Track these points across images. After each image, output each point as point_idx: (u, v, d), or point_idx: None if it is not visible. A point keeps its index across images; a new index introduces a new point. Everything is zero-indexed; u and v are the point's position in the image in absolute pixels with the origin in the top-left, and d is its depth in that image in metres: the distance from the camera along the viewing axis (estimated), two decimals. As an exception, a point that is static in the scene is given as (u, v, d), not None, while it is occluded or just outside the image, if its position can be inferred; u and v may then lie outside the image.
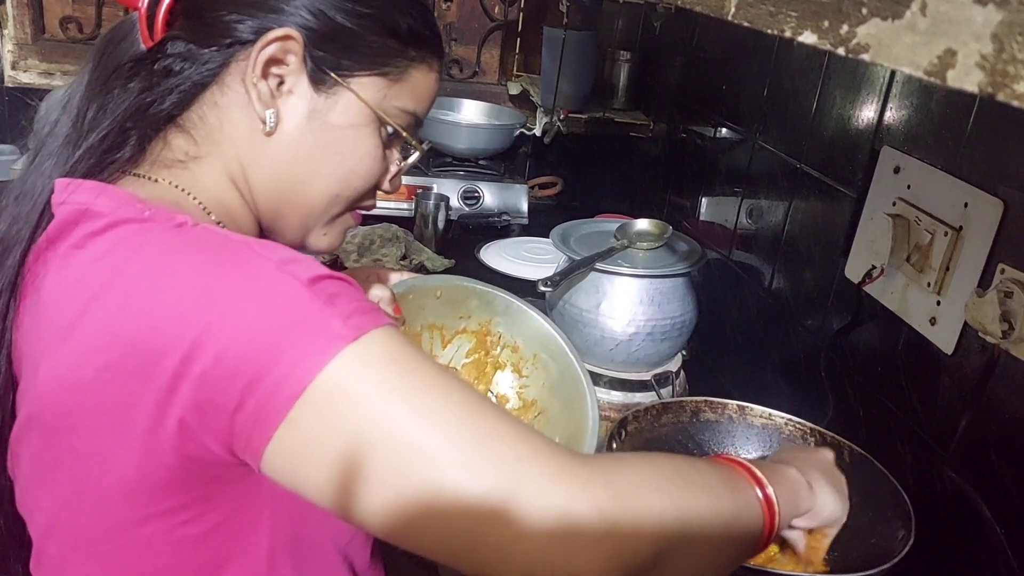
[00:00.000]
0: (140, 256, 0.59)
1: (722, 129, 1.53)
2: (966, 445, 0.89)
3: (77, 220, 0.62)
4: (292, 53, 0.69)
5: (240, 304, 0.56)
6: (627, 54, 1.97)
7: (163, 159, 0.70)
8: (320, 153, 0.73)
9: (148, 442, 0.57)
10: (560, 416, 0.98)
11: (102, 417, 0.58)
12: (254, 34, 0.69)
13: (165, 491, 0.59)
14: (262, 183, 0.73)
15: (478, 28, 2.31)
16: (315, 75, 0.71)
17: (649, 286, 1.18)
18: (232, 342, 0.54)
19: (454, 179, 2.02)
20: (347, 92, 0.72)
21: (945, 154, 0.94)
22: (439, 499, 0.53)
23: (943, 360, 0.93)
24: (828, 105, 1.18)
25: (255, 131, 0.71)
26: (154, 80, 0.69)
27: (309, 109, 0.72)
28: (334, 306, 0.56)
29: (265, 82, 0.69)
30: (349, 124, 0.73)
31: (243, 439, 0.55)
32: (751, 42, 1.41)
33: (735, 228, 1.46)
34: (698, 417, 1.01)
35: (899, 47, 0.35)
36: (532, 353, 1.03)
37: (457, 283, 1.01)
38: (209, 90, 0.70)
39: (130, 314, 0.57)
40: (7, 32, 1.99)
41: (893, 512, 0.85)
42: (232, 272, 0.57)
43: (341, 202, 0.77)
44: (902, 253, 0.98)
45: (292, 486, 0.56)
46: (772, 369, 1.32)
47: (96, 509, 0.61)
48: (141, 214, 0.62)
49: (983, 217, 0.87)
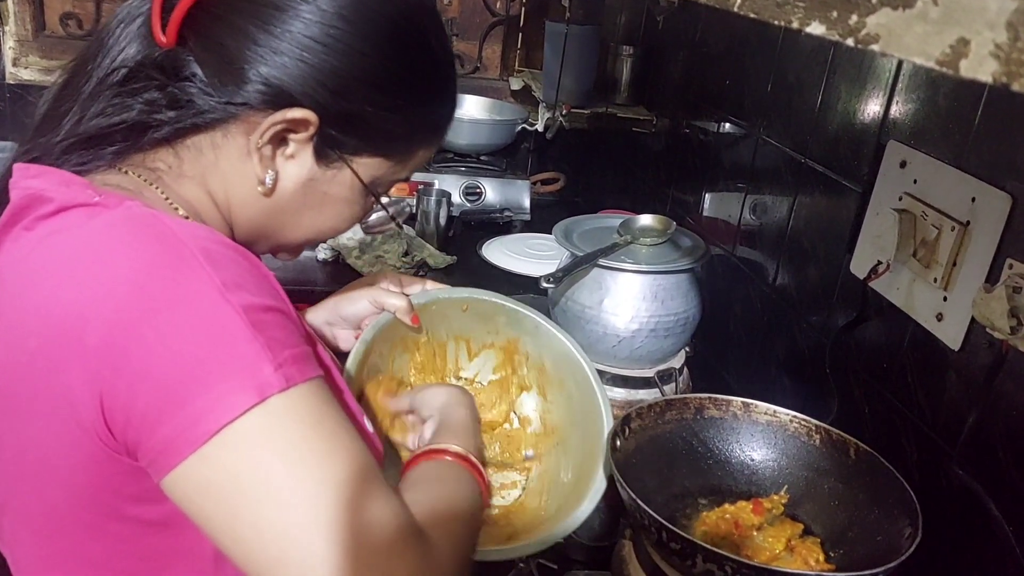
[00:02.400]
0: (80, 240, 0.59)
1: (726, 124, 1.52)
2: (973, 442, 0.88)
3: (30, 204, 0.62)
4: (304, 130, 0.68)
5: (175, 322, 0.55)
6: (630, 49, 1.96)
7: (141, 163, 0.69)
8: (307, 212, 0.74)
9: (74, 432, 0.57)
10: (577, 450, 0.96)
11: (34, 402, 0.58)
12: (269, 103, 0.66)
13: (98, 482, 0.60)
14: (243, 220, 0.74)
15: (480, 23, 2.30)
16: (321, 150, 0.70)
17: (652, 282, 1.17)
18: (160, 360, 0.54)
19: (456, 175, 2.01)
20: (347, 169, 0.72)
21: (952, 148, 0.93)
22: None
23: (950, 356, 0.92)
24: (833, 99, 1.17)
25: (249, 183, 0.70)
26: (158, 105, 0.67)
27: (307, 177, 0.72)
28: (269, 349, 0.56)
29: (270, 146, 0.69)
30: (340, 195, 0.74)
31: (149, 456, 0.56)
32: (755, 36, 1.40)
33: (739, 224, 1.45)
34: (702, 414, 1.00)
35: (910, 37, 0.34)
36: (559, 378, 1.00)
37: (485, 298, 0.98)
38: (211, 132, 0.68)
39: (62, 300, 0.57)
40: (8, 29, 1.99)
41: (899, 510, 0.84)
42: (172, 281, 0.57)
43: (315, 243, 0.81)
44: (908, 248, 0.97)
45: (185, 511, 0.57)
46: (776, 366, 1.31)
47: (36, 491, 0.62)
48: (91, 199, 0.61)
49: (991, 212, 0.86)
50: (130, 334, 0.55)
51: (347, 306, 0.92)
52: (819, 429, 0.96)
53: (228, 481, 0.55)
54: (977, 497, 0.87)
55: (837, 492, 0.93)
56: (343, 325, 0.94)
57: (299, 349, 0.59)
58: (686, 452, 0.99)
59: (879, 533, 0.86)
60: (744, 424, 1.00)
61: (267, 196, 0.71)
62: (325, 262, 1.73)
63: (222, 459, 0.55)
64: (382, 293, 0.91)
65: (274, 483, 0.55)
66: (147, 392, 0.54)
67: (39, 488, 0.62)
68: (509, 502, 0.94)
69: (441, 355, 0.99)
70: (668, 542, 0.78)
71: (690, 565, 0.78)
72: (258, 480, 0.55)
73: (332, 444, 0.58)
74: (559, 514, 0.89)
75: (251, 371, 0.55)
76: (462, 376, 1.01)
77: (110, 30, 0.69)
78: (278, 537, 0.55)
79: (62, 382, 0.56)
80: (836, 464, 0.94)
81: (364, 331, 0.89)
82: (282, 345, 0.57)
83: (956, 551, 0.90)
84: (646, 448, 0.96)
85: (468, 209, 1.98)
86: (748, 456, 1.00)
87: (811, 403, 1.11)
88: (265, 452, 0.55)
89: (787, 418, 0.98)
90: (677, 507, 0.96)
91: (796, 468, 0.97)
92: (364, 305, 0.91)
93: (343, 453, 0.58)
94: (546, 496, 0.94)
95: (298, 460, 0.56)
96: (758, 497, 0.96)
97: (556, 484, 0.95)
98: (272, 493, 0.55)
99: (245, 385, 0.55)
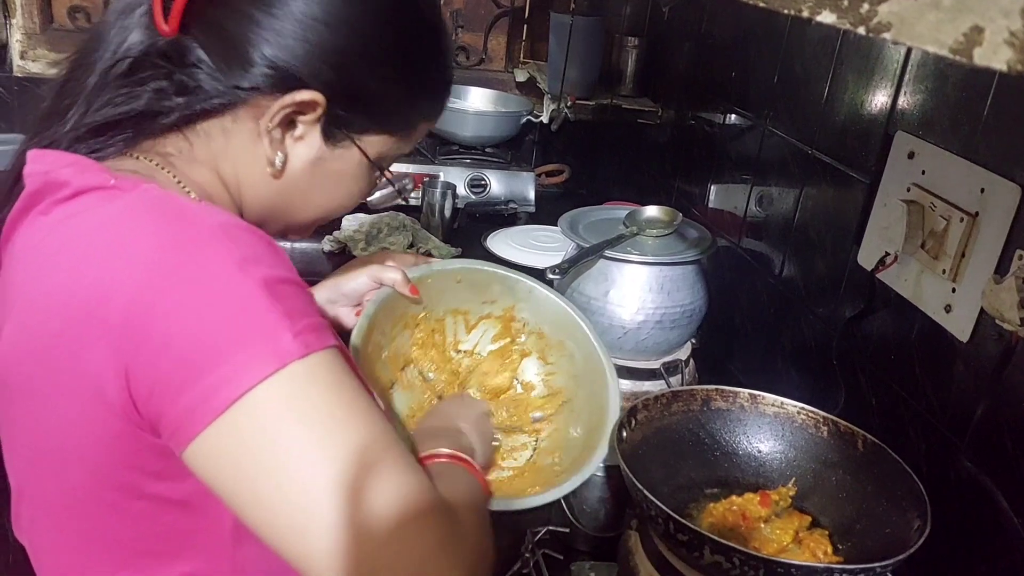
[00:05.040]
0: (99, 221, 0.60)
1: (732, 115, 1.52)
2: (982, 434, 0.88)
3: (45, 189, 0.63)
4: (312, 111, 0.70)
5: (195, 295, 0.56)
6: (635, 40, 1.95)
7: (152, 149, 0.70)
8: (316, 191, 0.76)
9: (98, 411, 0.58)
10: (584, 406, 0.98)
11: (57, 383, 0.59)
12: (277, 86, 0.67)
13: (120, 461, 0.60)
14: (256, 204, 0.75)
15: (484, 15, 2.30)
16: (328, 131, 0.72)
17: (659, 274, 1.17)
18: (182, 331, 0.55)
19: (461, 167, 2.01)
20: (354, 147, 0.74)
21: (961, 139, 0.93)
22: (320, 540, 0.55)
23: (958, 348, 0.91)
24: (840, 90, 1.17)
25: (259, 165, 0.72)
26: (166, 89, 0.67)
27: (316, 156, 0.73)
28: (288, 318, 0.57)
29: (279, 129, 0.70)
30: (348, 172, 0.76)
31: (171, 427, 0.56)
32: (762, 27, 1.40)
33: (745, 215, 1.44)
34: (709, 406, 1.00)
35: (923, 25, 0.34)
36: (558, 340, 1.02)
37: (477, 268, 1.00)
38: (221, 116, 0.69)
39: (84, 280, 0.57)
40: (16, 22, 2.00)
41: (908, 502, 0.84)
42: (191, 257, 0.57)
43: (324, 221, 0.81)
44: (916, 240, 0.97)
45: (206, 482, 0.57)
46: (783, 358, 1.31)
47: (56, 473, 0.62)
48: (107, 182, 0.62)
49: (1000, 203, 0.86)
50: (152, 308, 0.55)
51: (347, 283, 0.96)
52: (827, 421, 0.96)
53: (249, 448, 0.55)
54: (985, 490, 0.86)
55: (845, 484, 0.93)
56: (344, 302, 0.97)
57: (316, 319, 0.59)
58: (693, 444, 0.99)
59: (887, 525, 0.85)
60: (751, 416, 1.00)
61: (277, 178, 0.72)
62: (331, 254, 1.73)
63: (242, 426, 0.55)
64: (378, 268, 0.94)
65: (295, 449, 0.55)
66: (169, 363, 0.55)
67: (59, 470, 0.62)
68: (521, 463, 0.96)
69: (440, 330, 1.01)
70: (675, 533, 0.78)
71: (697, 556, 0.78)
72: (279, 447, 0.55)
73: (352, 411, 0.58)
74: (574, 466, 0.90)
75: (270, 339, 0.55)
76: (461, 349, 1.03)
77: (109, 23, 0.69)
78: (299, 503, 0.55)
79: (86, 360, 0.57)
80: (844, 456, 0.94)
81: (366, 306, 0.91)
82: (300, 314, 0.58)
83: (965, 544, 0.89)
84: (652, 440, 0.96)
85: (473, 201, 1.98)
86: (755, 448, 0.99)
87: (818, 395, 1.11)
88: (285, 418, 0.55)
89: (795, 410, 0.98)
90: (684, 499, 0.96)
91: (804, 460, 0.97)
92: (363, 280, 0.95)
93: (364, 419, 0.58)
94: (559, 453, 0.96)
95: (319, 425, 0.56)
96: (765, 489, 0.96)
97: (567, 440, 0.97)
98: (293, 459, 0.55)
99: (264, 353, 0.55)
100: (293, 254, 1.73)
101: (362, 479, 0.56)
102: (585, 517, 1.07)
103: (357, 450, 0.56)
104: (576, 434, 0.96)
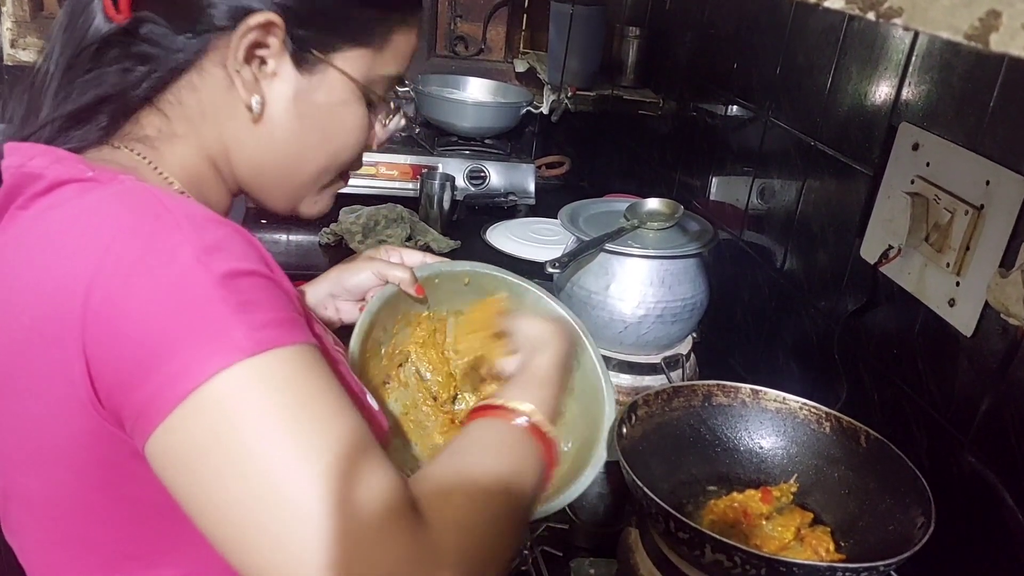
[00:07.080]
0: (71, 215, 0.59)
1: (733, 107, 1.50)
2: (986, 430, 0.87)
3: (23, 182, 0.62)
4: (273, 36, 0.67)
5: (148, 287, 0.54)
6: (636, 30, 1.93)
7: (132, 134, 0.69)
8: (308, 133, 0.72)
9: (72, 408, 0.56)
10: (576, 421, 0.95)
11: (33, 379, 0.58)
12: (230, 19, 0.66)
13: (99, 460, 0.59)
14: (247, 164, 0.73)
15: (484, 4, 2.28)
16: (298, 55, 0.69)
17: (659, 267, 1.16)
18: (135, 324, 0.53)
19: (460, 159, 1.99)
20: (332, 70, 0.71)
21: (966, 130, 0.91)
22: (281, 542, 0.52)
23: (962, 342, 0.90)
24: (844, 81, 1.15)
25: (239, 115, 0.69)
26: (128, 64, 0.67)
27: (294, 91, 0.70)
28: (243, 312, 0.54)
29: (248, 67, 0.68)
30: (336, 101, 0.72)
31: (130, 425, 0.55)
32: (764, 16, 1.38)
33: (747, 208, 1.43)
34: (710, 401, 0.99)
35: (936, 10, 0.32)
36: None
37: (486, 272, 0.97)
38: (187, 74, 0.68)
39: (53, 274, 0.56)
40: (6, 10, 1.99)
41: (912, 499, 0.83)
42: (148, 247, 0.55)
43: (331, 173, 0.77)
44: (920, 233, 0.96)
45: (163, 482, 0.55)
46: (784, 352, 1.30)
47: (38, 474, 0.61)
48: (83, 174, 0.61)
49: (1006, 195, 0.84)
50: (111, 300, 0.54)
51: (350, 277, 0.93)
52: (829, 416, 0.95)
53: (194, 450, 0.52)
54: (990, 486, 0.85)
55: (847, 481, 0.92)
56: (346, 296, 0.95)
57: (283, 314, 0.57)
58: (693, 439, 0.98)
59: (891, 522, 0.84)
60: (753, 411, 0.99)
61: (258, 123, 0.70)
62: (327, 246, 1.72)
63: (190, 426, 0.52)
64: (385, 265, 0.91)
65: (243, 453, 0.52)
66: (124, 357, 0.53)
67: (42, 470, 0.61)
68: None
69: (441, 330, 0.99)
70: (676, 531, 0.77)
71: (698, 555, 0.77)
72: (224, 450, 0.52)
73: (315, 411, 0.55)
74: (561, 483, 0.88)
75: (218, 334, 0.53)
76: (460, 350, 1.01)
77: (62, 24, 0.69)
78: (247, 513, 0.52)
79: (57, 355, 0.55)
80: (846, 452, 0.93)
81: (369, 303, 0.89)
82: (261, 309, 0.55)
83: (969, 540, 0.89)
84: (653, 435, 0.95)
85: (472, 193, 1.96)
86: (757, 444, 0.98)
87: (819, 390, 1.10)
88: (236, 419, 0.52)
89: (797, 405, 0.97)
90: (684, 495, 0.95)
91: (805, 456, 0.96)
92: (367, 276, 0.92)
93: (329, 422, 0.55)
94: None
95: (273, 428, 0.53)
96: (767, 485, 0.95)
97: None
98: (240, 464, 0.52)
99: (214, 349, 0.52)
100: (289, 247, 1.71)
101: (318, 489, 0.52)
102: (585, 513, 1.06)
103: (316, 456, 0.53)
104: (566, 449, 0.94)
